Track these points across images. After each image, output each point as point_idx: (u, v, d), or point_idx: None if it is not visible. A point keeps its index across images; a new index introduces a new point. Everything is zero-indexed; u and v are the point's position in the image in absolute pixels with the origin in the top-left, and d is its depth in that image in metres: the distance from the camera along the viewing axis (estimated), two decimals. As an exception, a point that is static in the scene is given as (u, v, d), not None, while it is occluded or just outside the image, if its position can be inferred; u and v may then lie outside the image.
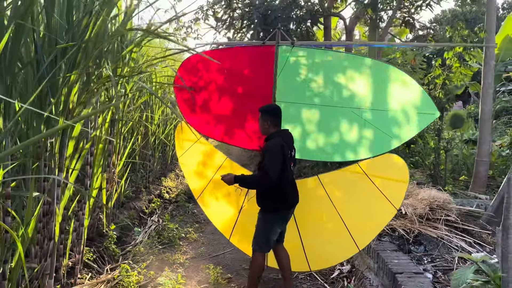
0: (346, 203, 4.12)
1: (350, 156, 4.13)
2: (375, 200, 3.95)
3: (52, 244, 3.63)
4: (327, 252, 4.27)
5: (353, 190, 4.19)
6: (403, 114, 3.95)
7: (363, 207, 4.09)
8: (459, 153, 9.62)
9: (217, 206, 4.92)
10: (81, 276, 4.49)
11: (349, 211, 4.12)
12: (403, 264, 3.75)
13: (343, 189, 4.25)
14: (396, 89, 3.97)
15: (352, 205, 4.14)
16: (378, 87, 4.05)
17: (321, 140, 4.27)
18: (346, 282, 4.43)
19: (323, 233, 4.28)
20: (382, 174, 3.96)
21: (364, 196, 4.08)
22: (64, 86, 3.15)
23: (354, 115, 4.07)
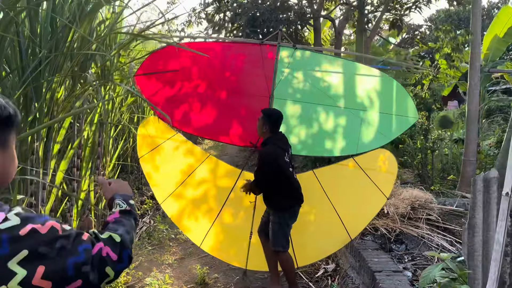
0: (340, 195, 4.33)
1: (327, 144, 4.45)
2: (367, 190, 4.22)
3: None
4: (317, 246, 4.41)
5: (346, 183, 4.42)
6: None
7: (356, 197, 4.35)
8: (449, 152, 9.73)
9: (191, 217, 4.72)
10: (70, 277, 4.56)
11: (342, 202, 4.30)
12: (383, 263, 3.84)
13: (337, 182, 4.47)
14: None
15: (346, 196, 4.36)
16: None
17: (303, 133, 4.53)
18: (330, 281, 4.52)
19: (314, 227, 4.35)
20: (373, 167, 4.25)
21: (357, 188, 4.35)
22: (48, 90, 3.23)
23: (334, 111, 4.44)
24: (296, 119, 4.55)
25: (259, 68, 4.46)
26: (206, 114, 4.51)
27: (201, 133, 4.72)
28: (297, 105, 4.53)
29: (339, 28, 8.94)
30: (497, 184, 2.48)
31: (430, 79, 7.45)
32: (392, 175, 4.22)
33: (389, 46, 17.05)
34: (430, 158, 7.84)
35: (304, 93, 4.52)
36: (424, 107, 7.50)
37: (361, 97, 4.44)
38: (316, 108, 4.49)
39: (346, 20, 8.71)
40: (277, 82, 4.39)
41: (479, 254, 2.54)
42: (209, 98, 4.50)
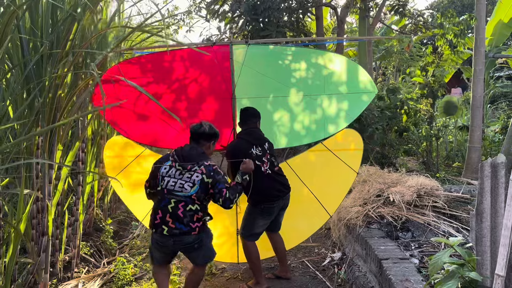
0: (314, 178, 4.63)
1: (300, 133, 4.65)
2: (338, 169, 4.59)
3: (46, 239, 3.73)
4: (300, 228, 4.67)
5: (319, 166, 4.76)
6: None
7: (329, 177, 4.71)
8: (454, 139, 9.69)
9: None
10: (78, 270, 4.59)
11: (317, 184, 4.61)
12: (389, 251, 3.83)
13: (310, 166, 4.76)
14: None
15: (320, 178, 4.68)
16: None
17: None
18: (336, 269, 4.53)
19: (295, 211, 4.44)
20: (341, 147, 4.62)
21: (329, 168, 4.71)
22: (50, 86, 3.22)
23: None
24: (265, 119, 4.55)
25: (216, 71, 4.47)
26: (172, 125, 4.46)
27: (169, 144, 4.54)
28: (257, 101, 4.54)
29: (341, 16, 8.85)
30: (505, 169, 2.46)
31: (435, 66, 7.38)
32: (358, 151, 4.60)
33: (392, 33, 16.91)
34: (434, 146, 7.81)
35: (263, 88, 4.60)
36: (428, 94, 7.44)
37: (319, 81, 4.55)
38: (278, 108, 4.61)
39: (347, 8, 8.62)
40: (236, 81, 4.41)
41: (487, 239, 2.52)
42: (173, 109, 4.43)
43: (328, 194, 4.67)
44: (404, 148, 7.70)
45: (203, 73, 4.51)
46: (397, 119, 7.02)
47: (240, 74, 4.39)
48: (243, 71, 4.41)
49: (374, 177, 5.31)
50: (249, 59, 4.44)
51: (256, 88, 4.62)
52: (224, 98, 4.51)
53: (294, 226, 4.62)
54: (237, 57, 4.43)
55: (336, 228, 4.95)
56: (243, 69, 4.41)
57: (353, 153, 4.62)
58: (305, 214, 4.66)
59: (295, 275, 4.48)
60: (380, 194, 4.90)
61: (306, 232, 4.82)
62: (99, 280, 4.40)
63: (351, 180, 4.65)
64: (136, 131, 4.43)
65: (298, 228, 4.69)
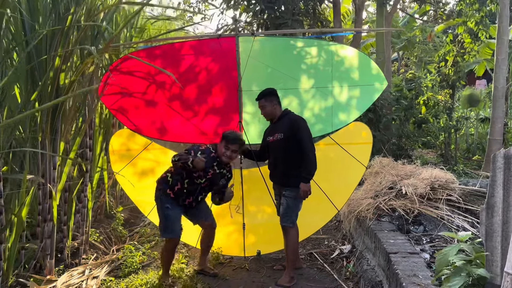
0: (322, 172, 4.40)
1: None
2: (346, 163, 4.54)
3: (51, 225, 3.74)
4: (307, 222, 4.52)
5: (327, 160, 4.55)
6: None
7: (337, 171, 4.65)
8: (475, 132, 9.39)
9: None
10: (86, 256, 4.61)
11: (325, 178, 4.45)
12: (398, 244, 3.71)
13: (318, 160, 4.50)
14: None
15: (327, 173, 4.50)
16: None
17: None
18: (345, 262, 4.42)
19: (303, 205, 4.29)
20: (350, 140, 4.55)
21: (337, 162, 4.64)
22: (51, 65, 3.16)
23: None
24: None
25: (225, 61, 4.42)
26: (180, 118, 4.46)
27: (178, 138, 4.57)
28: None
29: (359, 3, 8.62)
30: (519, 161, 2.32)
31: (454, 55, 7.11)
32: (367, 145, 4.54)
33: (415, 23, 16.48)
34: (453, 138, 7.57)
35: (270, 80, 4.49)
36: (447, 84, 7.19)
37: (327, 73, 4.46)
38: (286, 93, 4.50)
39: (366, -5, 8.38)
40: (242, 73, 4.35)
41: (498, 235, 2.39)
42: (181, 96, 4.44)
43: (336, 189, 4.61)
44: (422, 140, 7.48)
45: (212, 61, 4.48)
46: (414, 109, 6.80)
47: (247, 65, 4.33)
48: (250, 62, 4.34)
49: (387, 169, 5.16)
50: (256, 51, 4.40)
51: (265, 77, 4.54)
52: (233, 88, 4.47)
53: (302, 220, 4.43)
54: (244, 49, 4.38)
55: (346, 220, 4.84)
56: (250, 60, 4.34)
57: (362, 147, 4.56)
58: (313, 208, 4.51)
59: (303, 267, 4.39)
60: (393, 186, 4.75)
61: (313, 227, 4.74)
62: (107, 267, 4.41)
63: (360, 175, 4.57)
64: (143, 121, 4.42)
65: (306, 221, 4.51)
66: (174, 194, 3.86)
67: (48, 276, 3.75)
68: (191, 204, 3.96)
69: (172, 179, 3.88)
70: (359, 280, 3.99)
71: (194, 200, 3.97)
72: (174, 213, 3.87)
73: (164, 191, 3.87)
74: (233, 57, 4.36)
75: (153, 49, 4.45)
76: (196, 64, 4.45)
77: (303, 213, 4.42)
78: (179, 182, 3.84)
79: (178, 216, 3.92)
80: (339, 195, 4.57)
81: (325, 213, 4.65)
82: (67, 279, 3.94)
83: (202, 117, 4.48)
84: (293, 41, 4.62)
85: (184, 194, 3.89)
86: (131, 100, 4.37)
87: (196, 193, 3.94)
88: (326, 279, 4.13)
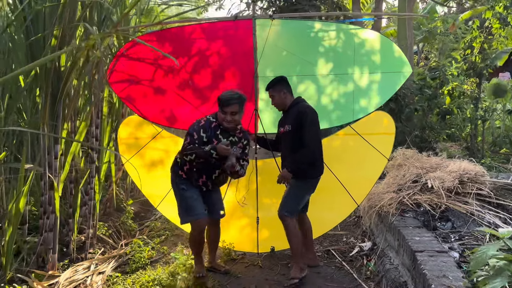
0: (341, 164, 4.33)
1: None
2: (367, 155, 4.28)
3: (53, 218, 3.55)
4: (324, 217, 4.36)
5: (346, 151, 4.43)
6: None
7: (357, 163, 4.40)
8: (501, 124, 8.93)
9: None
10: (93, 250, 4.43)
11: (344, 170, 4.30)
12: (425, 242, 3.41)
13: (337, 151, 4.44)
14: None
15: (347, 164, 4.36)
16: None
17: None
18: (365, 260, 4.14)
19: (319, 199, 4.14)
20: (371, 131, 4.28)
21: (357, 154, 4.39)
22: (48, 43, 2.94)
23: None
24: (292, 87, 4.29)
25: (239, 45, 4.18)
26: (189, 105, 4.22)
27: (185, 122, 4.23)
28: (289, 76, 4.16)
29: (380, -10, 8.24)
30: None
31: (481, 41, 6.69)
32: (390, 135, 4.27)
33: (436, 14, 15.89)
34: (480, 130, 7.16)
35: (287, 66, 4.28)
36: (474, 73, 6.78)
37: (347, 56, 4.17)
38: (304, 80, 4.27)
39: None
40: (259, 58, 4.10)
41: (547, 233, 2.08)
42: (192, 89, 4.21)
43: (356, 182, 4.35)
44: (447, 132, 7.09)
45: (226, 45, 4.23)
46: (437, 99, 6.42)
47: (264, 49, 4.08)
48: (267, 46, 4.08)
49: (411, 161, 4.84)
50: (271, 34, 4.13)
51: (280, 61, 4.28)
52: (246, 73, 4.22)
53: (319, 215, 4.29)
54: (261, 32, 4.12)
55: (366, 215, 4.54)
56: (267, 44, 4.08)
57: (384, 138, 4.29)
58: (331, 202, 4.35)
59: (320, 265, 4.13)
60: (417, 179, 4.45)
61: (331, 222, 4.49)
62: (114, 262, 4.22)
63: (382, 167, 4.30)
64: (152, 108, 4.21)
65: (322, 217, 4.35)
66: (185, 174, 3.56)
67: (51, 271, 3.56)
68: (206, 184, 3.58)
69: (180, 160, 3.59)
70: (380, 280, 3.71)
71: (208, 178, 3.58)
72: (191, 193, 3.53)
73: (176, 173, 3.61)
74: (249, 41, 4.11)
75: (164, 32, 4.22)
76: (208, 48, 4.20)
77: (320, 207, 4.22)
78: (187, 161, 3.51)
79: (196, 196, 3.55)
80: (359, 188, 4.31)
81: (344, 208, 4.39)
82: (71, 274, 3.75)
83: (213, 104, 4.23)
84: (310, 23, 4.33)
85: (195, 173, 3.53)
86: (139, 87, 4.16)
87: (209, 170, 3.55)
88: (345, 278, 3.85)
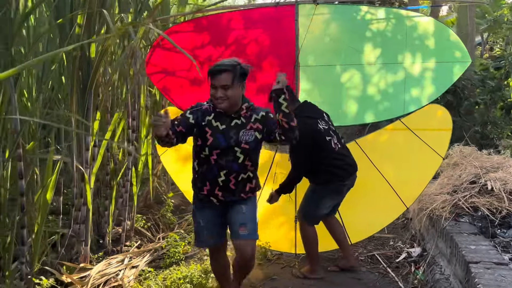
0: (389, 162, 4.02)
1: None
2: (419, 153, 3.92)
3: (85, 210, 3.51)
4: (369, 219, 4.05)
5: (395, 148, 4.09)
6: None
7: (407, 162, 4.02)
8: None
9: None
10: (129, 243, 4.40)
11: (392, 169, 3.99)
12: (482, 252, 3.02)
13: (385, 148, 4.12)
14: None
15: (395, 163, 4.03)
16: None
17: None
18: (413, 268, 3.78)
19: (364, 199, 3.91)
20: (425, 126, 3.92)
21: (407, 151, 4.03)
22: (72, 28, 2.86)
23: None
24: (327, 86, 4.08)
25: (277, 35, 3.93)
26: None
27: None
28: (324, 62, 3.98)
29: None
30: None
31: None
32: (446, 132, 3.89)
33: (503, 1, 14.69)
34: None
35: (328, 51, 3.98)
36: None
37: (397, 41, 3.83)
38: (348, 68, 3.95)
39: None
40: (300, 46, 3.81)
41: None
42: None
43: (406, 182, 3.98)
44: (511, 128, 6.44)
45: (265, 33, 4.00)
46: (502, 91, 5.81)
47: (306, 36, 3.81)
48: (309, 32, 3.82)
49: (468, 160, 4.39)
50: (316, 19, 3.85)
51: (323, 48, 4.00)
52: (286, 63, 3.96)
53: (363, 216, 4.02)
54: (303, 19, 3.86)
55: (416, 218, 4.16)
56: (309, 30, 3.83)
57: (439, 134, 3.93)
58: (377, 204, 4.01)
59: (362, 270, 3.82)
60: (475, 180, 4.01)
61: (376, 224, 4.14)
62: (148, 256, 4.14)
63: (436, 166, 3.93)
64: (188, 100, 4.08)
65: (367, 218, 4.04)
66: (193, 187, 2.83)
67: (82, 264, 3.53)
68: (214, 195, 2.67)
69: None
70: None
71: (214, 185, 2.65)
72: (199, 217, 2.79)
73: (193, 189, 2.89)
74: (290, 28, 3.87)
75: (201, 20, 4.08)
76: (246, 37, 4.00)
77: (365, 208, 3.96)
78: (193, 170, 2.80)
79: (205, 220, 2.77)
80: (408, 189, 3.95)
81: (391, 210, 4.04)
82: (103, 267, 3.70)
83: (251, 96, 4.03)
84: (356, 7, 4.03)
85: (199, 181, 2.71)
86: (175, 78, 4.04)
87: (211, 173, 2.64)
88: (389, 287, 3.53)
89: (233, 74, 2.55)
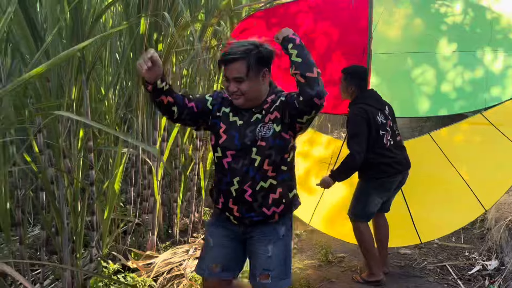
0: (466, 159, 3.73)
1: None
2: (503, 151, 3.57)
3: (153, 201, 3.72)
4: (442, 218, 3.75)
5: (474, 144, 3.80)
6: None
7: (488, 160, 3.67)
8: None
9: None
10: (196, 235, 4.57)
11: (469, 167, 3.70)
12: None
13: (462, 143, 3.86)
14: None
15: (474, 160, 3.72)
16: None
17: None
18: (487, 282, 3.46)
19: (436, 197, 3.67)
20: (507, 122, 3.53)
21: (488, 148, 3.68)
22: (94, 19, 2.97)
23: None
24: (397, 81, 3.88)
25: (348, 24, 3.74)
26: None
27: None
28: (395, 55, 3.76)
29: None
30: None
31: None
32: None
33: None
34: None
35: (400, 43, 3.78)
36: None
37: (476, 35, 3.55)
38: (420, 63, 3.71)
39: None
40: (373, 32, 3.58)
41: None
42: None
43: (484, 182, 3.63)
44: None
45: (335, 23, 3.86)
46: None
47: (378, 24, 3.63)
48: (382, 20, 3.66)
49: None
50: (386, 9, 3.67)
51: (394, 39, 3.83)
52: (358, 52, 3.78)
53: (436, 215, 3.76)
54: (377, 5, 3.67)
55: (494, 228, 3.81)
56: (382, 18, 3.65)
57: None
58: (450, 203, 3.71)
59: (429, 280, 3.58)
60: None
61: (451, 225, 3.82)
62: (211, 249, 4.28)
63: None
64: None
65: (440, 217, 3.75)
66: (211, 198, 2.28)
67: (149, 251, 3.74)
68: (228, 209, 2.10)
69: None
70: (502, 309, 3.05)
71: (228, 197, 2.08)
72: (209, 235, 2.24)
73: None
74: (363, 16, 3.67)
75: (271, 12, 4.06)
76: (315, 28, 3.91)
77: (438, 206, 3.74)
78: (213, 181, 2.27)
79: (215, 241, 2.19)
80: (487, 191, 3.62)
81: (467, 211, 3.71)
82: (169, 256, 3.89)
83: None
84: None
85: (215, 191, 2.19)
86: None
87: (225, 182, 2.07)
88: (458, 301, 3.28)
89: (247, 62, 1.96)
